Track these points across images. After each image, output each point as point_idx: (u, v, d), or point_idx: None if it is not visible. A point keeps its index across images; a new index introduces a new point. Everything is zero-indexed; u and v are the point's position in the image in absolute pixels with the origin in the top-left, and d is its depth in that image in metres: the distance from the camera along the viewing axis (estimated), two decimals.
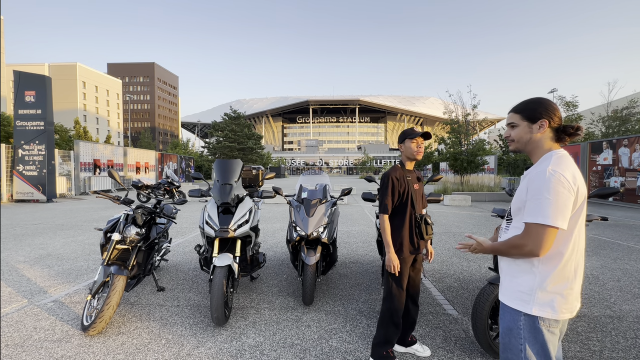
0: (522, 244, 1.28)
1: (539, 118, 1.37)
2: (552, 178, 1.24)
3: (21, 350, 2.51)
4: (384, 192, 2.35)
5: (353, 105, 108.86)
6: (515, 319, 1.37)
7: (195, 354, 2.48)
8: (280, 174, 52.77)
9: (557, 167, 1.27)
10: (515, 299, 1.37)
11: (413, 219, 2.36)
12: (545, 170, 1.27)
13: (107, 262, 2.94)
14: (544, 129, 1.37)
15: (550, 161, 1.31)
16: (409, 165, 2.47)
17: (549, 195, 1.23)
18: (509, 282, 1.41)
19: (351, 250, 5.69)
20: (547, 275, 1.31)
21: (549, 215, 1.23)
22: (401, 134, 2.47)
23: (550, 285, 1.30)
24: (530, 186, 1.30)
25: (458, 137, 18.56)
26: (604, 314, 3.22)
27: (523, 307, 1.34)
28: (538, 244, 1.25)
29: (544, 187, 1.25)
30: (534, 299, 1.32)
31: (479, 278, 4.27)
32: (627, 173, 12.28)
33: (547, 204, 1.23)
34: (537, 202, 1.26)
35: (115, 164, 19.61)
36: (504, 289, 1.44)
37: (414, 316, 2.50)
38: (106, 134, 59.58)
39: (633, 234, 7.21)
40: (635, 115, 20.53)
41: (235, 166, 3.54)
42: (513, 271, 1.40)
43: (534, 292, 1.32)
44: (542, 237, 1.24)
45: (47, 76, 13.85)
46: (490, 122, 77.17)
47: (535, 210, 1.26)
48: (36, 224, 8.03)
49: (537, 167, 1.34)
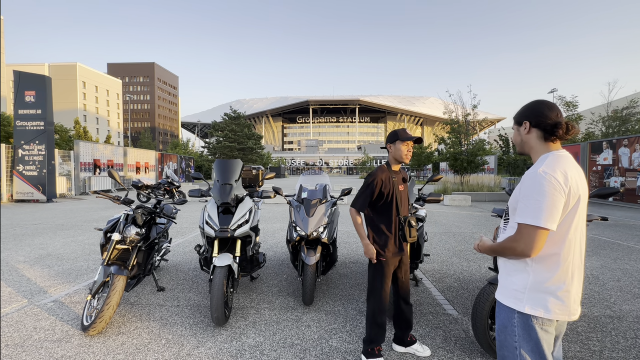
0: (514, 246, 1.30)
1: (523, 120, 1.44)
2: (542, 179, 1.26)
3: (21, 350, 2.51)
4: (364, 190, 2.35)
5: (353, 105, 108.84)
6: (509, 317, 1.39)
7: (195, 354, 2.48)
8: (280, 174, 52.77)
9: (548, 168, 1.28)
10: (509, 297, 1.39)
11: (397, 221, 2.36)
12: (537, 172, 1.29)
13: (107, 262, 2.94)
14: (527, 129, 1.42)
15: (544, 162, 1.32)
16: (395, 166, 2.45)
17: (539, 196, 1.25)
18: (505, 281, 1.44)
19: (351, 250, 5.69)
20: (540, 275, 1.32)
21: (537, 217, 1.25)
22: (392, 134, 2.42)
23: (544, 284, 1.32)
24: (522, 187, 1.33)
25: (458, 137, 18.56)
26: (604, 314, 3.22)
27: (516, 305, 1.36)
28: (529, 244, 1.26)
29: (534, 188, 1.27)
30: (527, 298, 1.33)
31: (479, 278, 4.27)
32: (627, 173, 12.28)
33: (537, 205, 1.25)
34: (528, 203, 1.28)
35: (115, 164, 19.60)
36: (500, 287, 1.47)
37: (408, 315, 2.50)
38: (106, 134, 59.57)
39: (633, 234, 7.22)
40: (635, 115, 20.52)
41: (235, 166, 3.54)
42: (509, 269, 1.43)
43: (526, 290, 1.34)
44: (533, 238, 1.26)
45: (47, 76, 13.85)
46: (490, 122, 77.23)
47: (525, 211, 1.28)
48: (36, 224, 8.03)
49: (532, 168, 1.36)
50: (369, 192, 2.33)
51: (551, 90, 30.69)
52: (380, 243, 2.34)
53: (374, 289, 2.35)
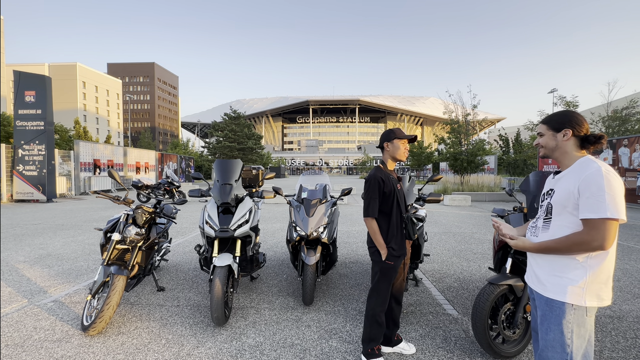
0: (589, 240, 1.35)
1: (563, 128, 1.53)
2: (608, 176, 1.35)
3: (21, 350, 2.51)
4: (371, 194, 2.30)
5: (353, 105, 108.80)
6: (561, 314, 1.44)
7: (195, 354, 2.48)
8: (280, 174, 52.74)
9: (607, 167, 1.38)
10: (567, 294, 1.43)
11: (400, 219, 2.36)
12: (601, 170, 1.36)
13: (107, 262, 2.94)
14: (567, 137, 1.52)
15: (595, 162, 1.41)
16: (391, 165, 2.45)
17: (610, 191, 1.33)
18: (558, 279, 1.47)
19: (351, 250, 5.69)
20: (596, 267, 1.40)
21: (612, 209, 1.32)
22: (389, 132, 2.41)
23: (599, 276, 1.40)
24: (587, 185, 1.37)
25: (458, 137, 18.56)
26: (604, 314, 3.22)
27: (576, 300, 1.41)
28: (605, 237, 1.33)
29: (604, 185, 1.34)
30: (587, 292, 1.40)
31: (479, 278, 4.27)
32: (627, 173, 12.29)
33: (610, 199, 1.33)
34: (599, 198, 1.34)
35: (115, 164, 19.60)
36: (551, 286, 1.49)
37: (397, 315, 2.52)
38: (106, 134, 59.57)
39: (633, 234, 7.22)
40: (635, 115, 20.51)
41: (235, 166, 3.54)
42: (561, 267, 1.46)
43: (586, 285, 1.40)
44: (610, 231, 1.33)
45: (47, 76, 13.84)
46: (490, 122, 77.20)
47: (598, 207, 1.34)
48: (36, 224, 8.03)
49: (586, 169, 1.41)
50: (375, 195, 2.31)
51: (551, 90, 30.69)
52: (387, 244, 2.33)
53: (379, 290, 2.34)
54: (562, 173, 1.54)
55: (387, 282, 2.34)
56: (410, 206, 2.85)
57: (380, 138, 2.47)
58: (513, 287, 2.44)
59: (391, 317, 2.50)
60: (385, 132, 2.44)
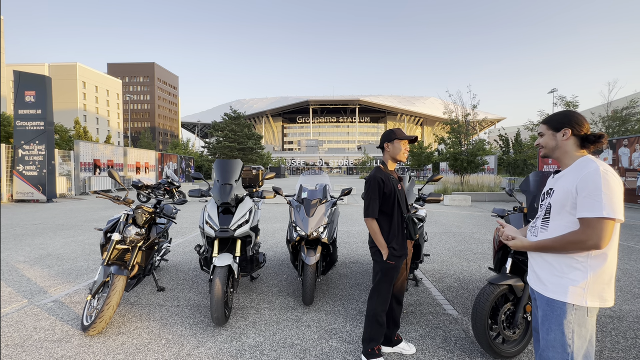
0: (584, 239, 1.35)
1: (562, 127, 1.53)
2: (606, 175, 1.35)
3: (21, 350, 2.51)
4: (371, 195, 2.31)
5: (353, 105, 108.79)
6: (562, 314, 1.44)
7: (195, 354, 2.48)
8: (280, 174, 52.73)
9: (606, 167, 1.38)
10: (567, 294, 1.43)
11: (401, 219, 2.36)
12: (599, 169, 1.36)
13: (107, 262, 2.94)
14: (567, 136, 1.52)
15: (594, 162, 1.41)
16: (391, 165, 2.45)
17: (608, 190, 1.33)
18: (558, 279, 1.46)
19: (351, 250, 5.69)
20: (597, 268, 1.40)
21: (609, 209, 1.32)
22: (389, 133, 2.41)
23: (601, 276, 1.40)
24: (585, 184, 1.37)
25: (458, 137, 18.56)
26: (604, 314, 3.22)
27: (577, 300, 1.41)
28: (600, 237, 1.33)
29: (601, 184, 1.34)
30: (588, 292, 1.40)
31: (479, 278, 4.27)
32: (627, 173, 12.29)
33: (607, 198, 1.32)
34: (596, 197, 1.34)
35: (115, 164, 19.59)
36: (552, 286, 1.48)
37: (397, 315, 2.52)
38: (106, 134, 59.55)
39: (633, 234, 7.22)
40: (635, 115, 20.51)
41: (235, 166, 3.54)
42: (562, 267, 1.46)
43: (587, 285, 1.40)
44: (606, 230, 1.33)
45: (47, 76, 13.84)
46: (490, 122, 77.28)
47: (594, 206, 1.34)
48: (36, 224, 8.03)
49: (584, 168, 1.41)
50: (375, 195, 2.31)
51: (551, 90, 30.70)
52: (390, 245, 2.33)
53: (380, 290, 2.34)
54: (561, 172, 1.54)
55: (389, 282, 2.34)
56: (410, 206, 2.85)
57: (381, 138, 2.48)
58: (513, 287, 2.45)
59: (392, 317, 2.50)
60: (385, 133, 2.44)
